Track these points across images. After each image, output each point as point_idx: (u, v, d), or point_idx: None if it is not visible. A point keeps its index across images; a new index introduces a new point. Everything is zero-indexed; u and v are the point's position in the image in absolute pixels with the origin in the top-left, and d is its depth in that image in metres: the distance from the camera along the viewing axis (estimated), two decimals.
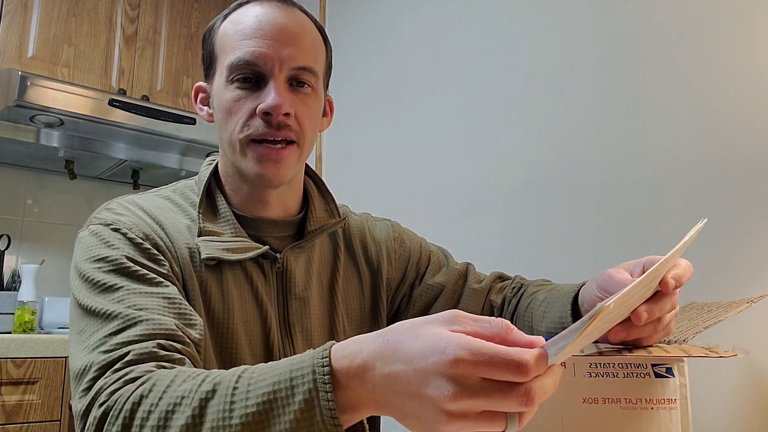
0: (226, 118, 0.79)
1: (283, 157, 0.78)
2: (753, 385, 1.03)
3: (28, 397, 1.70)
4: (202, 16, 2.49)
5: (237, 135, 0.78)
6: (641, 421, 0.60)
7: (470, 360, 0.42)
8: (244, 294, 0.79)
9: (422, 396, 0.44)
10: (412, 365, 0.44)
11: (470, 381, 0.43)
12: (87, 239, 0.74)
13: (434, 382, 0.43)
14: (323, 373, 0.47)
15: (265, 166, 0.78)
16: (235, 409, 0.49)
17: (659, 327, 0.63)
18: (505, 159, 1.52)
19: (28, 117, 1.97)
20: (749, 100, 1.09)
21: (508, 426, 0.43)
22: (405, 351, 0.45)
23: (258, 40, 0.77)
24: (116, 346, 0.61)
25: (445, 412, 0.43)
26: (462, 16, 1.70)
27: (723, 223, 1.09)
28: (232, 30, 0.80)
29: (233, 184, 0.84)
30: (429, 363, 0.43)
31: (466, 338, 0.44)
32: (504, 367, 0.42)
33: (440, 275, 0.96)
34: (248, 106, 0.77)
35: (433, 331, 0.45)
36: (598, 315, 0.43)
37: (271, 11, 0.80)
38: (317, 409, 0.47)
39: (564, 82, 1.41)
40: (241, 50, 0.77)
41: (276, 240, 0.84)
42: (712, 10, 1.16)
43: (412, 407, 0.45)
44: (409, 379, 0.44)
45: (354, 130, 2.00)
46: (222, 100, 0.79)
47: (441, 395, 0.43)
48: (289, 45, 0.78)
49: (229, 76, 0.78)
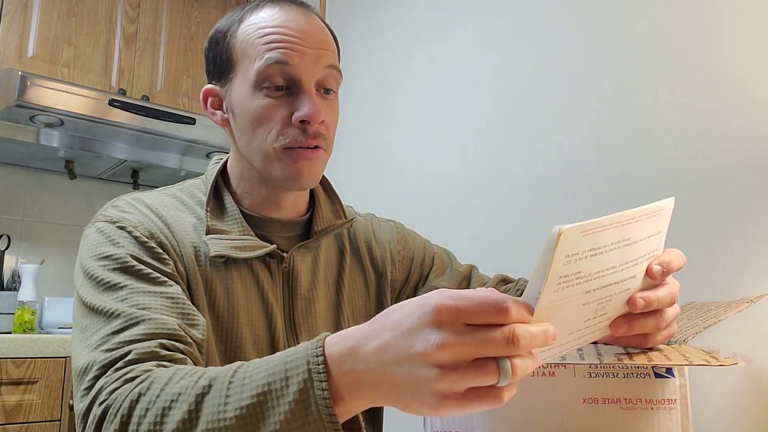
0: (256, 125, 0.78)
1: (316, 163, 0.79)
2: (753, 385, 1.03)
3: (28, 397, 1.70)
4: (202, 16, 2.49)
5: (271, 144, 0.77)
6: (641, 421, 0.60)
7: (452, 305, 0.44)
8: (249, 293, 0.79)
9: (411, 356, 0.44)
10: (399, 329, 0.46)
11: (455, 326, 0.44)
12: (93, 236, 0.74)
13: (421, 335, 0.44)
14: (317, 362, 0.48)
15: (300, 169, 0.78)
16: (230, 403, 0.50)
17: (661, 323, 0.61)
18: (505, 159, 1.53)
19: (28, 117, 1.97)
20: (750, 100, 1.09)
21: (501, 376, 0.44)
22: (392, 320, 0.47)
23: (287, 45, 0.76)
24: (118, 345, 0.61)
25: (435, 365, 0.43)
26: (461, 16, 1.70)
27: (723, 222, 1.09)
28: (255, 35, 0.78)
29: (248, 186, 0.84)
30: (414, 319, 0.45)
31: (447, 289, 0.46)
32: (485, 308, 0.44)
33: (444, 278, 0.96)
34: (281, 114, 0.77)
35: (416, 298, 0.47)
36: (557, 242, 0.44)
37: (294, 16, 0.79)
38: (312, 399, 0.47)
39: (564, 81, 1.41)
40: (272, 57, 0.76)
41: (282, 240, 0.84)
42: (712, 10, 1.16)
43: (403, 375, 0.45)
44: (398, 343, 0.45)
45: (353, 129, 2.00)
46: (250, 107, 0.78)
47: (428, 347, 0.43)
48: (316, 49, 0.78)
49: (258, 82, 0.77)
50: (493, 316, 0.44)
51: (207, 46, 0.85)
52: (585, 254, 0.48)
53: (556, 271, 0.46)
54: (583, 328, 0.55)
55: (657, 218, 0.57)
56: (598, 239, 0.49)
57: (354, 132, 2.00)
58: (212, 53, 0.83)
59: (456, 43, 1.71)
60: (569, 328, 0.53)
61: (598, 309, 0.55)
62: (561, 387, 0.61)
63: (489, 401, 0.45)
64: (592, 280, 0.51)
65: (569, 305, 0.50)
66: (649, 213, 0.55)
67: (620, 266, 0.54)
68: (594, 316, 0.56)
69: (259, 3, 0.82)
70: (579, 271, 0.49)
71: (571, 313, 0.51)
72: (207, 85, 0.85)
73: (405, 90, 1.86)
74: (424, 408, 0.45)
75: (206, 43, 0.85)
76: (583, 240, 0.47)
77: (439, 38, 1.76)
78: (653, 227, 0.57)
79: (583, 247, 0.48)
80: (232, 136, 0.84)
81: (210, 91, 0.84)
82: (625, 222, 0.52)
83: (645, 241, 0.57)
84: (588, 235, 0.48)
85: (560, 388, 0.61)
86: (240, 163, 0.84)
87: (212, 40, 0.84)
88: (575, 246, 0.47)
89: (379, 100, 1.95)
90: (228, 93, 0.82)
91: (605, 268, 0.52)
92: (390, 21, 1.95)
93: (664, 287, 0.61)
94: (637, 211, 0.53)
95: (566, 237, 0.45)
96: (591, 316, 0.55)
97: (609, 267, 0.52)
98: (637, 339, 0.63)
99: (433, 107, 1.75)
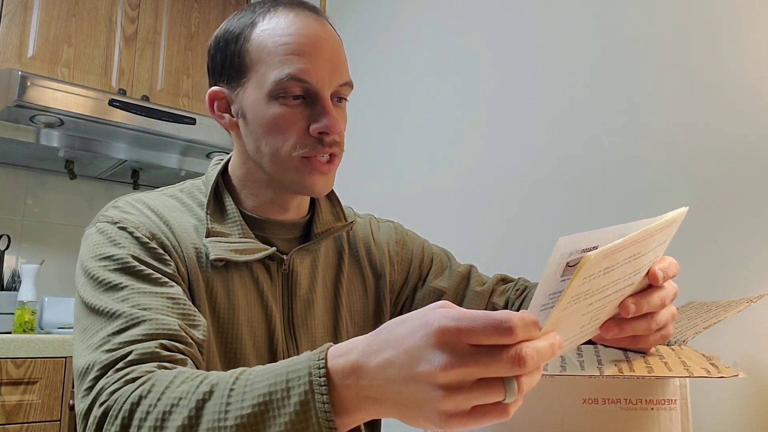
0: (270, 133, 0.78)
1: (331, 170, 0.81)
2: (753, 385, 1.03)
3: (28, 397, 1.70)
4: (202, 16, 2.49)
5: (289, 152, 0.78)
6: (641, 421, 0.60)
7: (455, 326, 0.43)
8: (249, 295, 0.79)
9: (415, 377, 0.44)
10: (402, 347, 0.45)
11: (459, 348, 0.43)
12: (93, 237, 0.74)
13: (424, 357, 0.43)
14: (319, 374, 0.47)
15: (315, 181, 0.79)
16: (231, 411, 0.50)
17: (653, 325, 0.61)
18: (505, 158, 1.53)
19: (28, 117, 1.97)
20: (750, 100, 1.09)
21: (507, 394, 0.43)
22: (395, 336, 0.46)
23: (306, 57, 0.76)
24: (119, 346, 0.61)
25: (440, 386, 0.43)
26: (462, 16, 1.70)
27: (723, 222, 1.09)
28: (272, 42, 0.77)
29: (252, 188, 0.84)
30: (417, 339, 0.44)
31: (450, 309, 0.45)
32: (489, 329, 0.42)
33: (443, 278, 0.96)
34: (299, 124, 0.77)
35: (419, 313, 0.46)
36: (581, 268, 0.43)
37: (309, 24, 0.79)
38: (312, 411, 0.47)
39: (565, 81, 1.41)
40: (290, 68, 0.75)
41: (282, 242, 0.84)
42: (711, 9, 1.16)
43: (408, 394, 0.45)
44: (401, 362, 0.44)
45: (353, 129, 2.00)
46: (265, 114, 0.77)
47: (432, 369, 0.43)
48: (333, 62, 0.78)
49: (274, 91, 0.76)
50: (497, 337, 0.42)
51: (214, 47, 0.83)
52: (600, 273, 0.48)
53: (572, 291, 0.45)
54: (577, 334, 0.55)
55: (669, 228, 0.57)
56: (615, 257, 0.49)
57: (354, 132, 2.00)
58: (221, 55, 0.81)
59: (456, 43, 1.71)
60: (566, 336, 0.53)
61: (594, 316, 0.55)
62: (561, 387, 0.62)
63: (495, 417, 0.44)
64: (597, 293, 0.51)
65: (571, 318, 0.50)
66: (666, 225, 0.55)
67: (624, 278, 0.54)
68: (589, 323, 0.56)
69: (271, 7, 0.80)
70: (589, 288, 0.48)
71: (570, 323, 0.51)
72: (213, 87, 0.83)
73: (405, 90, 1.86)
74: (429, 424, 0.45)
75: (212, 44, 0.83)
76: (603, 261, 0.47)
77: (440, 38, 1.76)
78: (663, 237, 0.57)
79: (600, 267, 0.47)
80: (239, 139, 0.83)
81: (217, 94, 0.82)
82: (641, 238, 0.51)
83: (652, 252, 0.57)
84: (608, 257, 0.47)
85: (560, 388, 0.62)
86: (246, 165, 0.83)
87: (221, 41, 0.81)
88: (595, 268, 0.46)
89: (379, 99, 1.95)
90: (238, 97, 0.80)
91: (611, 281, 0.52)
92: (391, 20, 1.96)
93: (656, 291, 0.61)
94: (655, 226, 0.52)
95: (591, 264, 0.44)
96: (586, 323, 0.55)
97: (615, 280, 0.52)
98: (629, 340, 0.63)
99: (434, 106, 1.75)
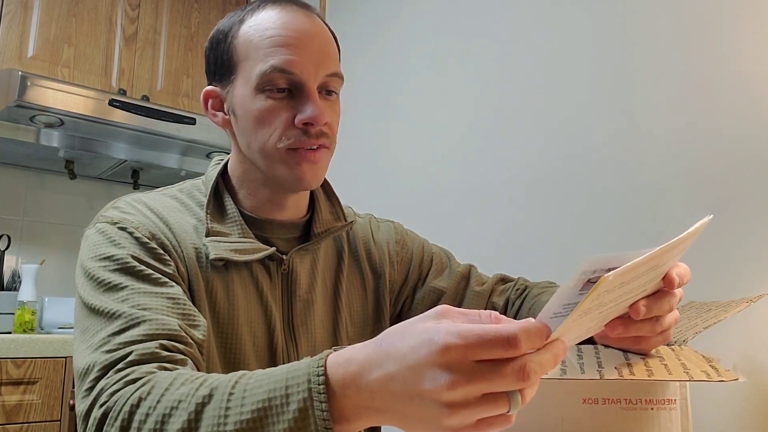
0: (258, 127, 0.78)
1: (319, 161, 0.79)
2: (753, 385, 1.03)
3: (28, 397, 1.70)
4: (202, 16, 2.49)
5: (274, 145, 0.77)
6: (641, 421, 0.60)
7: (460, 344, 0.42)
8: (249, 295, 0.79)
9: (420, 393, 0.43)
10: (405, 362, 0.44)
11: (464, 366, 0.42)
12: (93, 237, 0.74)
13: (429, 375, 0.43)
14: (318, 382, 0.47)
15: (303, 171, 0.78)
16: (230, 415, 0.49)
17: (657, 328, 0.62)
18: (505, 158, 1.53)
19: (28, 117, 1.97)
20: (749, 100, 1.09)
21: (511, 405, 0.43)
22: (397, 350, 0.45)
23: (290, 49, 0.76)
24: (119, 346, 0.61)
25: (445, 404, 0.43)
26: (461, 16, 1.70)
27: (723, 222, 1.09)
28: (258, 37, 0.78)
29: (250, 187, 0.84)
30: (421, 356, 0.43)
31: (453, 324, 0.44)
32: (494, 344, 0.42)
33: (443, 278, 0.96)
34: (284, 116, 0.77)
35: (422, 327, 0.45)
36: (597, 287, 0.43)
37: (296, 17, 0.79)
38: (311, 419, 0.47)
39: (565, 81, 1.41)
40: (274, 59, 0.76)
41: (282, 242, 0.84)
42: (710, 9, 1.16)
43: (412, 409, 0.44)
44: (405, 378, 0.44)
45: (353, 128, 2.00)
46: (252, 108, 0.78)
47: (438, 387, 0.42)
48: (319, 54, 0.78)
49: (260, 84, 0.77)
50: (502, 351, 0.42)
51: (208, 46, 0.84)
52: (615, 287, 0.48)
53: (585, 305, 0.45)
54: (582, 333, 0.55)
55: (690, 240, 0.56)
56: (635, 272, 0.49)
57: (353, 131, 2.00)
58: (213, 54, 0.83)
59: (456, 43, 1.71)
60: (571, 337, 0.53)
61: (603, 318, 0.56)
62: (561, 387, 0.62)
63: (499, 426, 0.45)
64: (610, 303, 0.51)
65: (581, 324, 0.50)
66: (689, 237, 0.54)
67: (639, 286, 0.54)
68: (596, 324, 0.56)
69: (260, 4, 0.81)
70: (602, 301, 0.48)
71: (579, 328, 0.51)
72: (207, 87, 0.84)
73: (405, 89, 1.86)
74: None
75: (207, 44, 0.84)
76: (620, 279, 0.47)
77: (440, 37, 1.76)
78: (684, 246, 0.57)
79: (616, 284, 0.47)
80: (234, 138, 0.83)
81: (210, 93, 0.84)
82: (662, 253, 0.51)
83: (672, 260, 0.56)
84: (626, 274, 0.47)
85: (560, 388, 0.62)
86: (243, 164, 0.84)
87: (213, 40, 0.83)
88: (611, 285, 0.46)
89: (379, 99, 1.95)
90: (229, 94, 0.81)
91: (626, 290, 0.51)
92: (391, 20, 1.95)
93: (667, 296, 0.61)
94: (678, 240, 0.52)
95: (607, 283, 0.44)
96: (593, 325, 0.55)
97: (630, 289, 0.52)
98: (631, 341, 0.64)
99: (434, 106, 1.75)
